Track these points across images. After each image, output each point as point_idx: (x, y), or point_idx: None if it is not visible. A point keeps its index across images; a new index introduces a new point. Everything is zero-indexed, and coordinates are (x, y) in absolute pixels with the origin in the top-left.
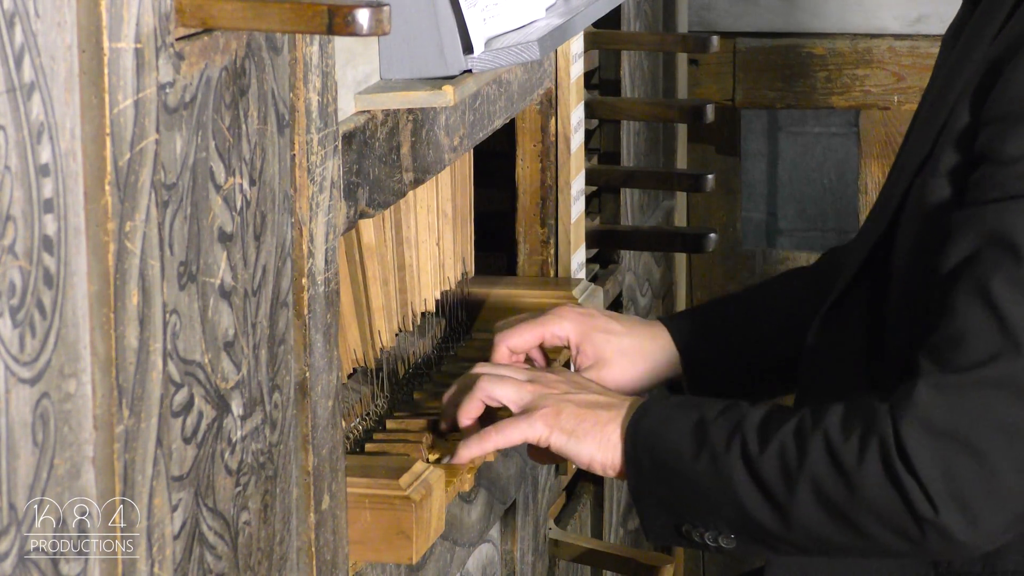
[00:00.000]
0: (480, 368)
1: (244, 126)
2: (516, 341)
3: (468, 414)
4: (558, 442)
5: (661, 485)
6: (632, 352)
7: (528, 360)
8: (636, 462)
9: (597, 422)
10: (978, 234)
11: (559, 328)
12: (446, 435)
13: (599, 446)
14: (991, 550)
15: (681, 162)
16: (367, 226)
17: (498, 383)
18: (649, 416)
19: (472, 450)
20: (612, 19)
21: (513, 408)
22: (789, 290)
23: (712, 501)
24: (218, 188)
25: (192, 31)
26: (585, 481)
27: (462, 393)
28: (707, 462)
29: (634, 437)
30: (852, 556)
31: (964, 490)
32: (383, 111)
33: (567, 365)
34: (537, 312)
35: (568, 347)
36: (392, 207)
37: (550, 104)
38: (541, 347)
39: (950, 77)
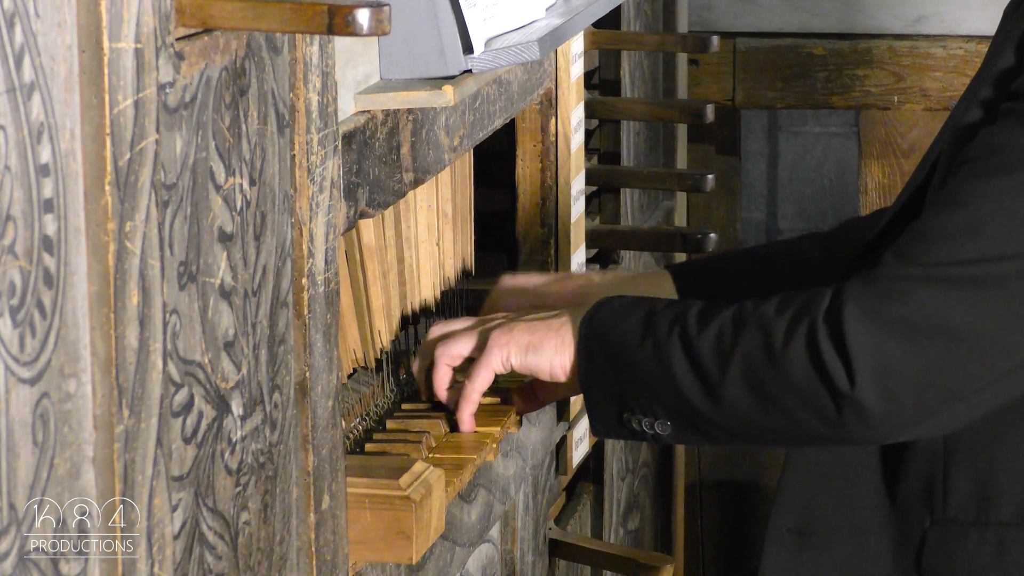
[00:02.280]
0: (432, 333)
1: (244, 126)
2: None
3: (442, 385)
4: (518, 359)
5: (608, 374)
6: None
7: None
8: (587, 353)
9: (550, 328)
10: (978, 146)
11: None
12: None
13: (556, 348)
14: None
15: (681, 162)
16: (367, 226)
17: (451, 342)
18: (603, 311)
19: (464, 411)
20: (612, 19)
21: (474, 354)
22: (803, 251)
23: (651, 386)
24: (218, 188)
25: (192, 31)
26: (585, 481)
27: (424, 367)
28: (650, 347)
29: (588, 331)
30: (777, 444)
31: (890, 375)
32: (383, 111)
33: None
34: (553, 275)
35: None
36: (392, 207)
37: (550, 104)
38: None
39: (1001, 31)
